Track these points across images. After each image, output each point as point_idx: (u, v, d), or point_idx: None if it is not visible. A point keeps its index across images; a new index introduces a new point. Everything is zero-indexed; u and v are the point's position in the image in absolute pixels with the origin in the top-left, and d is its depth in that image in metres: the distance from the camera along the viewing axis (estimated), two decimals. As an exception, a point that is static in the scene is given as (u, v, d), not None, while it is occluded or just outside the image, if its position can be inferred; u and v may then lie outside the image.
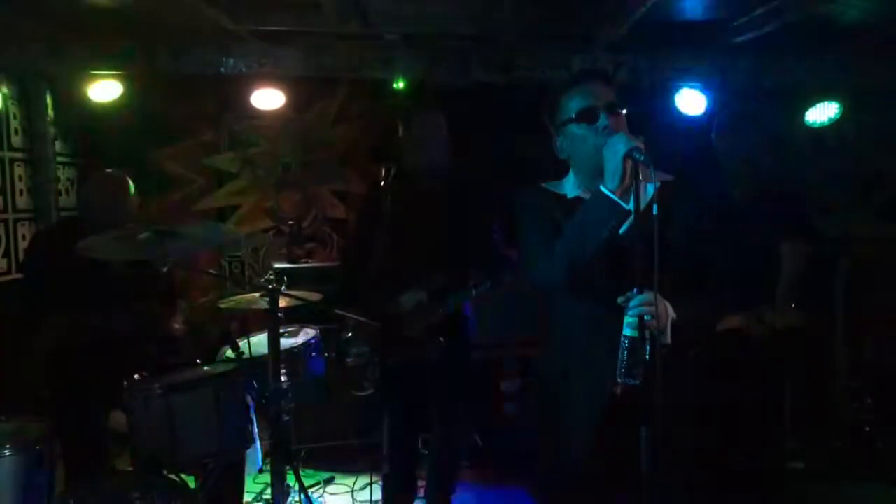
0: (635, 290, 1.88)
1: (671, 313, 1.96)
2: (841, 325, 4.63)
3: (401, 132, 3.47)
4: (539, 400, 2.36)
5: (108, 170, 3.59)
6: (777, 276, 3.35)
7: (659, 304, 1.87)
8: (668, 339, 1.94)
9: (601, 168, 2.01)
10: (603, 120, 2.06)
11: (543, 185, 2.28)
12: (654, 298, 1.85)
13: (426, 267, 3.33)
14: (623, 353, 1.90)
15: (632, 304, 1.89)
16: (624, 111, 2.12)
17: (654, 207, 1.81)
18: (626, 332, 1.90)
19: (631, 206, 1.92)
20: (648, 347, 1.86)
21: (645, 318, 1.87)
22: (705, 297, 2.10)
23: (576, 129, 2.11)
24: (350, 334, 3.50)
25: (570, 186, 2.22)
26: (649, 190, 1.93)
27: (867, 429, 4.34)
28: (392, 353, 3.29)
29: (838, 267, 4.69)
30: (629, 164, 1.92)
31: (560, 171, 2.29)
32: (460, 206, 3.40)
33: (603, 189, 1.98)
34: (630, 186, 1.92)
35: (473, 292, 3.38)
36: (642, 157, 1.88)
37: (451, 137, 3.44)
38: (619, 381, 1.91)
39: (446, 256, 3.37)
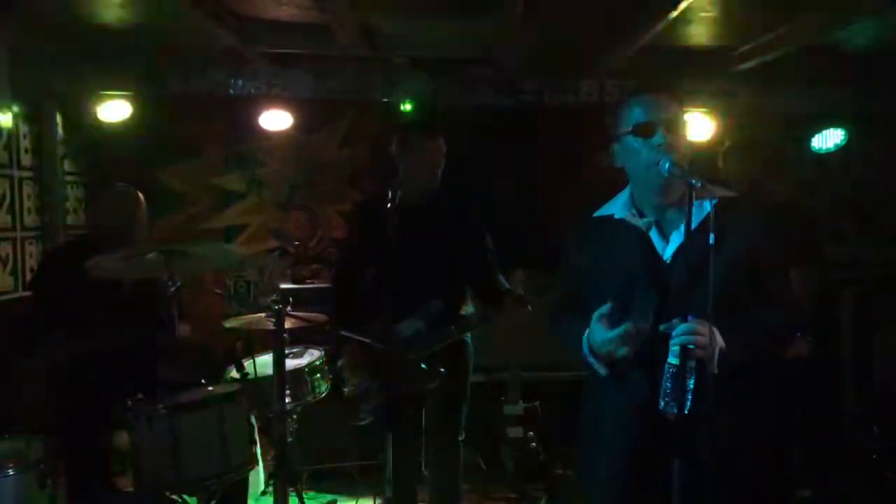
0: (679, 317, 1.82)
1: (720, 342, 1.86)
2: (848, 353, 4.60)
3: (395, 150, 3.36)
4: (581, 423, 2.25)
5: (121, 184, 3.59)
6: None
7: (708, 333, 1.81)
8: (716, 369, 1.86)
9: (653, 183, 2.01)
10: (659, 137, 2.01)
11: (596, 213, 2.22)
12: (709, 329, 1.80)
13: (421, 293, 3.22)
14: (667, 381, 1.84)
15: (676, 331, 1.82)
16: (686, 117, 2.07)
17: (711, 237, 1.75)
18: (672, 359, 1.84)
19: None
20: (693, 376, 1.81)
21: (689, 346, 1.80)
22: (752, 320, 2.00)
23: (632, 142, 2.06)
24: (341, 362, 3.43)
25: (620, 205, 2.16)
26: (702, 211, 1.89)
27: (874, 457, 4.30)
28: (391, 381, 3.22)
29: (845, 293, 4.67)
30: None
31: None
32: (453, 228, 3.30)
33: (585, 350, 2.03)
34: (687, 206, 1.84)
35: (472, 322, 3.33)
36: (700, 184, 1.81)
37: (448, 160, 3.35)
38: (661, 408, 1.85)
39: (442, 282, 3.28)
